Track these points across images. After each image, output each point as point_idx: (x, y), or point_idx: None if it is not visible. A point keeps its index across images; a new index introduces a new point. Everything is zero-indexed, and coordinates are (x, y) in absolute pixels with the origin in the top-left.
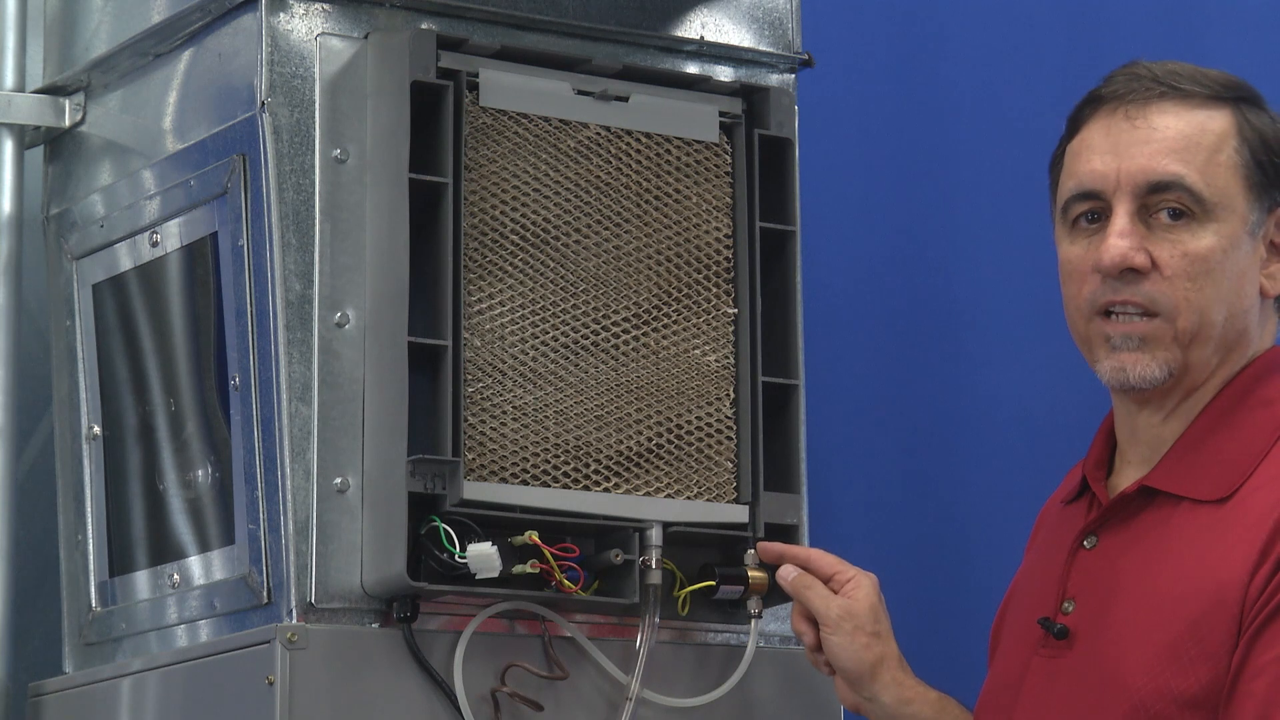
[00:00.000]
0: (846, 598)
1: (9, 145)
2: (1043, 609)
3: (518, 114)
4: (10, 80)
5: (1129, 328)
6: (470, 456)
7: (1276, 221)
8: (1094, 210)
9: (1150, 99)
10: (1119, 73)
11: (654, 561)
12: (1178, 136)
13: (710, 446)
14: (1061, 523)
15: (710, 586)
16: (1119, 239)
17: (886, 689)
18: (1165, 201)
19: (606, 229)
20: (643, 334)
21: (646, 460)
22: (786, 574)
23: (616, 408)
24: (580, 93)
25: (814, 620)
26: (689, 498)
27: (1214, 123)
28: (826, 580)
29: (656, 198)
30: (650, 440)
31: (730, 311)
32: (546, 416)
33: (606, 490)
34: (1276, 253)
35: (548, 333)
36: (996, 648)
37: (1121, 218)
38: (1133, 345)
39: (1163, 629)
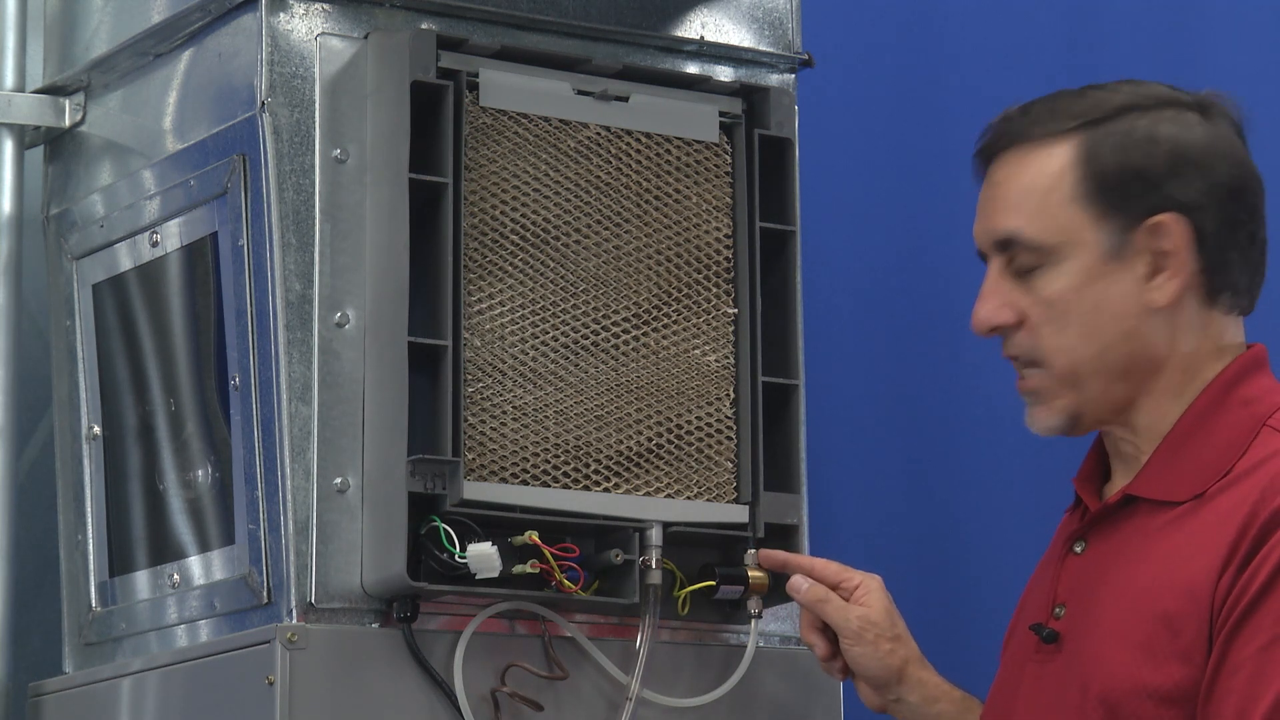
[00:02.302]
0: (861, 605)
1: (9, 145)
2: (1039, 614)
3: (518, 114)
4: (10, 80)
5: (1023, 384)
6: (470, 456)
7: (1149, 232)
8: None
9: (997, 153)
10: (994, 119)
11: (654, 561)
12: (1014, 189)
13: (710, 446)
14: (1061, 530)
15: (710, 586)
16: (981, 303)
17: (913, 690)
18: (1014, 256)
19: (606, 229)
20: (643, 334)
21: (646, 460)
22: (799, 585)
23: (616, 408)
24: (580, 93)
25: (825, 629)
26: (689, 498)
27: (1052, 162)
28: (833, 588)
29: (656, 198)
30: (650, 440)
31: (730, 311)
32: (546, 416)
33: (606, 490)
34: (1162, 261)
35: (548, 333)
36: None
37: (988, 279)
38: (1032, 400)
39: (1138, 626)
